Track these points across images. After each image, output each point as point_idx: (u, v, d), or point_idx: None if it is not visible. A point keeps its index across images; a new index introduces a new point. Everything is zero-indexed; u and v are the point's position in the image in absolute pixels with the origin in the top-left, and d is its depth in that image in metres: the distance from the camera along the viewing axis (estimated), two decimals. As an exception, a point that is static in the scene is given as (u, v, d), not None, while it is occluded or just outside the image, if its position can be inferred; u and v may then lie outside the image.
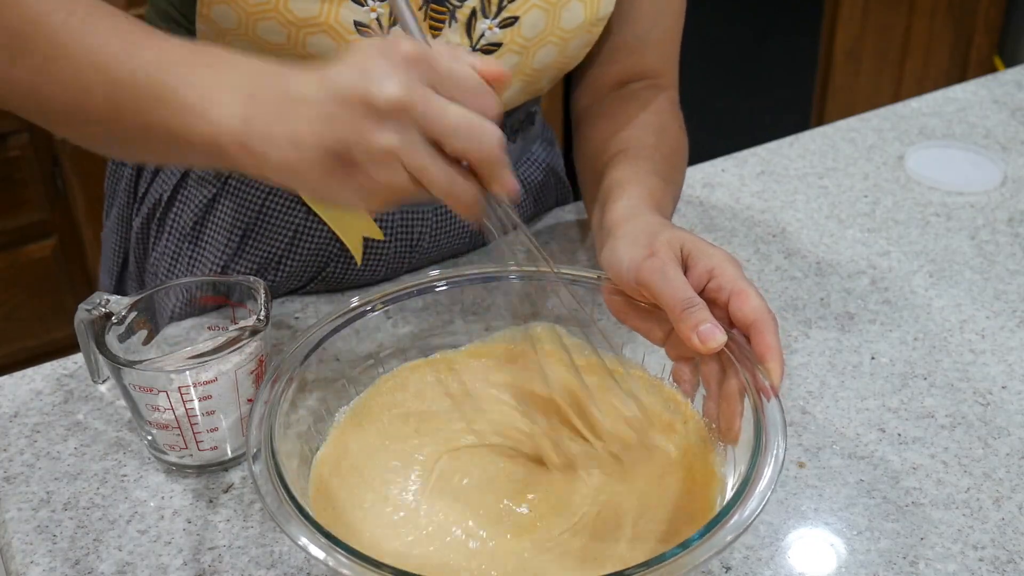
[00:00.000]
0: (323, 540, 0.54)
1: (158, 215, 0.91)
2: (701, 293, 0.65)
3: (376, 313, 0.72)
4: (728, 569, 0.66)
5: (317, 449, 0.68)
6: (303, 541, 0.54)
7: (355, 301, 0.71)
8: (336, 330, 0.70)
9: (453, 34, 0.79)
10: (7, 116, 1.78)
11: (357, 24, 0.76)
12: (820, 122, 2.55)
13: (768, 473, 0.58)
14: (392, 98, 0.54)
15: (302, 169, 0.57)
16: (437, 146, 0.56)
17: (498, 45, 0.81)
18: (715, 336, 0.63)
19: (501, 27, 0.80)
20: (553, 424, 0.70)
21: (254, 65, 0.61)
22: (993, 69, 2.67)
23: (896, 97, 2.60)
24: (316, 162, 0.56)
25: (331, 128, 0.55)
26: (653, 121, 0.87)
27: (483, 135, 0.56)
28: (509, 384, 0.73)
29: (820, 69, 2.56)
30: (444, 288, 0.74)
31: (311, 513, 0.56)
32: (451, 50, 0.58)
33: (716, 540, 0.54)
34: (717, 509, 0.62)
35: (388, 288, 0.73)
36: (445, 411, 0.71)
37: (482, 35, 0.80)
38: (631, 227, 0.71)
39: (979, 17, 2.62)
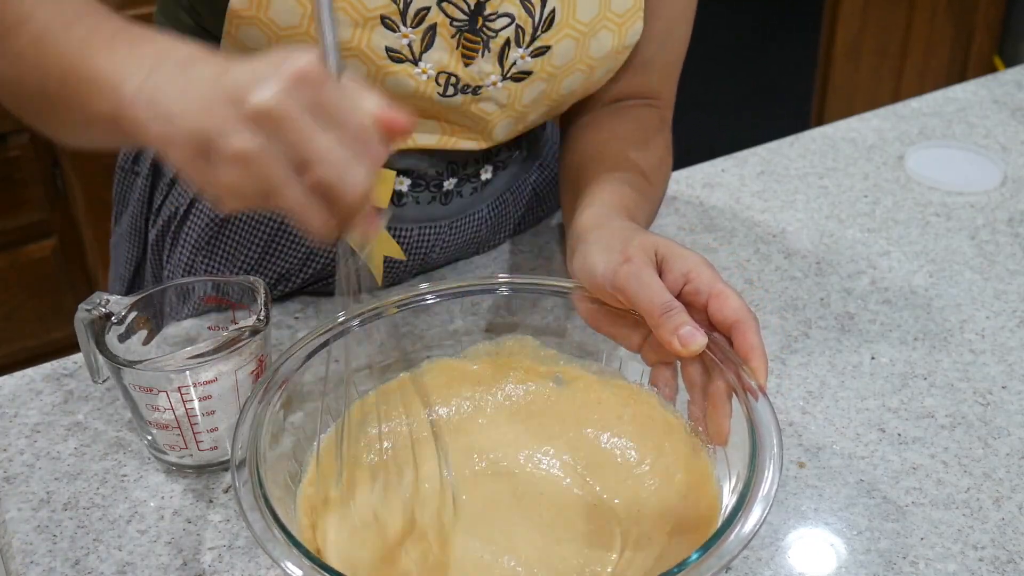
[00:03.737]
0: (308, 563, 0.53)
1: (174, 227, 0.91)
2: (678, 297, 0.65)
3: (360, 328, 0.70)
4: (728, 569, 0.66)
5: (300, 478, 0.66)
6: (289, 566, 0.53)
7: (341, 317, 0.70)
8: (316, 350, 0.67)
9: (485, 63, 0.79)
10: (7, 116, 1.79)
11: (388, 50, 0.76)
12: (820, 121, 2.55)
13: (769, 476, 0.57)
14: (261, 105, 0.51)
15: (170, 146, 0.55)
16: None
17: (528, 73, 0.81)
18: (696, 338, 0.62)
19: (533, 56, 0.80)
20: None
21: (172, 44, 0.59)
22: (993, 69, 2.67)
23: (896, 95, 2.60)
24: (182, 144, 0.54)
25: (200, 116, 0.53)
26: (639, 138, 0.87)
27: (348, 173, 0.52)
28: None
29: (820, 67, 2.56)
30: (432, 301, 0.72)
31: (296, 535, 0.55)
32: (355, 87, 0.54)
33: (719, 555, 0.53)
34: (719, 507, 0.62)
35: (372, 303, 0.71)
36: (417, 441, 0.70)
37: (514, 63, 0.80)
38: (602, 233, 0.70)
39: (979, 16, 2.62)
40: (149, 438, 0.72)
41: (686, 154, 1.14)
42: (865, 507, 0.71)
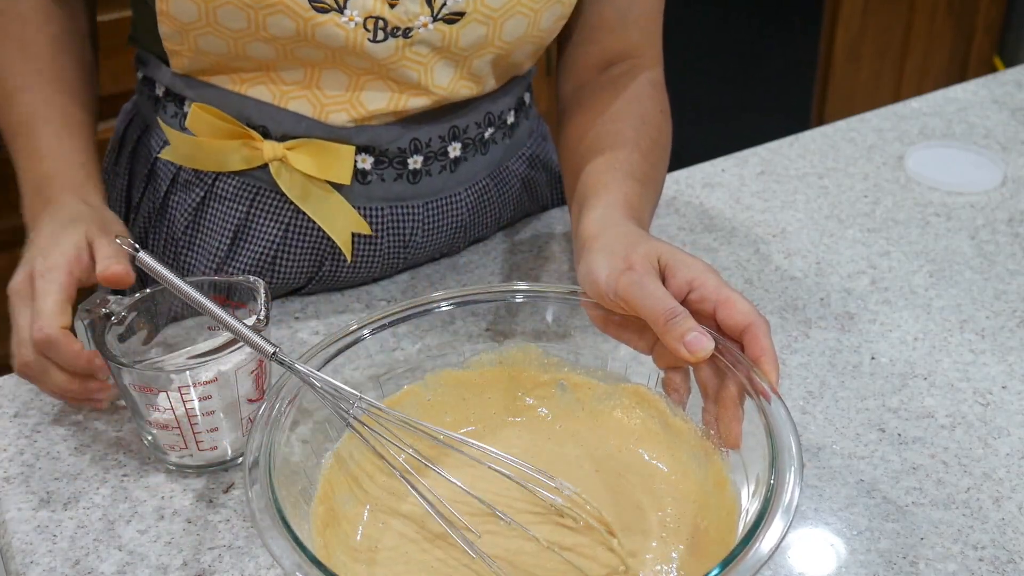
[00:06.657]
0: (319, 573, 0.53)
1: (153, 221, 0.91)
2: (683, 304, 0.64)
3: (372, 337, 0.69)
4: (728, 569, 0.66)
5: (311, 495, 0.65)
6: None
7: (353, 325, 0.69)
8: (327, 361, 0.67)
9: (412, 3, 0.77)
10: (7, 116, 1.79)
11: (312, 2, 0.76)
12: (820, 122, 2.55)
13: (791, 479, 0.56)
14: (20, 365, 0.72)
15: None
16: None
17: (460, 15, 0.79)
18: (703, 344, 0.62)
19: None
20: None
21: (46, 228, 0.83)
22: (993, 69, 2.67)
23: (896, 96, 2.60)
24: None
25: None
26: (633, 111, 0.85)
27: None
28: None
29: (820, 69, 2.56)
30: (438, 310, 0.71)
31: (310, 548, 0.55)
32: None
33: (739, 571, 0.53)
34: (738, 511, 0.61)
35: (387, 309, 0.70)
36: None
37: (443, 4, 0.78)
38: (606, 240, 0.70)
39: (979, 17, 2.62)
40: (149, 438, 0.72)
41: (686, 154, 1.14)
42: (865, 507, 0.71)
